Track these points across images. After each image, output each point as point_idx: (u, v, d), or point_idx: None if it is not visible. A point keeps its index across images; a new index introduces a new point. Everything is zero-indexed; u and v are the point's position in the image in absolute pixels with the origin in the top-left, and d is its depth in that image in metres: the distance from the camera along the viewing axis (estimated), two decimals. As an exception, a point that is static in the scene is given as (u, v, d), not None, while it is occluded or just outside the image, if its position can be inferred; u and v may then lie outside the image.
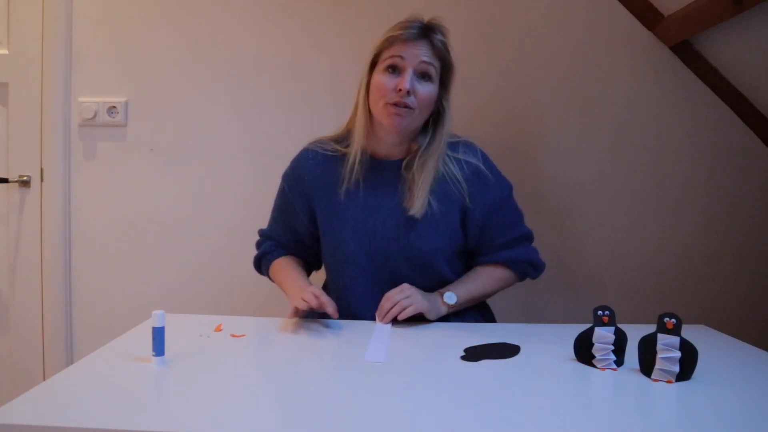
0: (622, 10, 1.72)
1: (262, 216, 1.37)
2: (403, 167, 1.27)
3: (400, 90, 1.17)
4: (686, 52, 1.69)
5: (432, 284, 1.27)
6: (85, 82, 1.83)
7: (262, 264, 1.40)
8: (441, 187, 1.25)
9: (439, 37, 1.23)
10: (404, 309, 1.15)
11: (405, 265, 1.26)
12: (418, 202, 1.22)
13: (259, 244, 1.42)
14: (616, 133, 1.76)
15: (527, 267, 1.33)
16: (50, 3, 1.80)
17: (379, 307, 1.19)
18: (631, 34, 1.73)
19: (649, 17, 1.69)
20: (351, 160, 1.26)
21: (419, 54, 1.19)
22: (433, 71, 1.21)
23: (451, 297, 1.23)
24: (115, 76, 1.83)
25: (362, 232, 1.26)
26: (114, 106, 1.83)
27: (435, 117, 1.27)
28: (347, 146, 1.29)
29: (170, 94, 1.83)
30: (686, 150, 1.76)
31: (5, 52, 1.83)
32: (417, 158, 1.25)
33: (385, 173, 1.28)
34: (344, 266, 1.29)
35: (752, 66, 1.59)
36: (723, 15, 1.41)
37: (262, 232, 1.42)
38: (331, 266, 1.34)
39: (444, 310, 1.22)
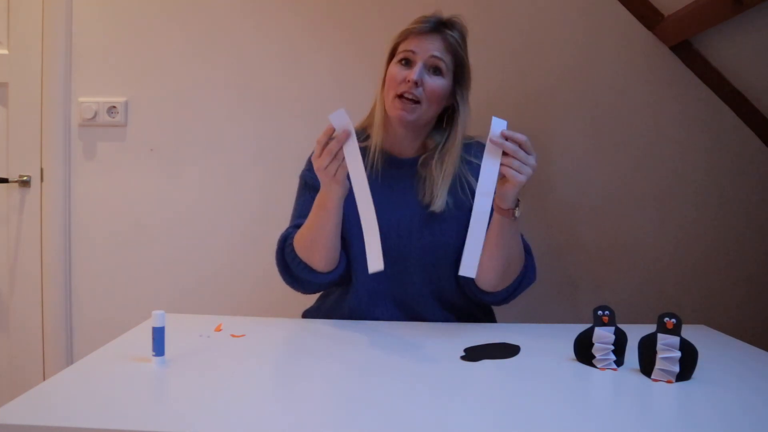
0: (621, 10, 1.72)
1: (262, 216, 1.36)
2: (419, 164, 1.27)
3: (408, 81, 1.18)
4: (686, 52, 1.69)
5: (437, 289, 1.26)
6: (85, 82, 1.83)
7: (286, 245, 1.23)
8: (453, 186, 1.25)
9: (453, 33, 1.23)
10: (522, 169, 1.04)
11: (415, 265, 1.24)
12: (438, 199, 1.22)
13: (280, 242, 1.27)
14: (615, 133, 1.76)
15: (530, 259, 1.26)
16: (50, 3, 1.80)
17: (514, 137, 1.05)
18: (631, 34, 1.73)
19: (649, 17, 1.69)
20: (371, 153, 1.25)
21: (430, 48, 1.20)
22: (444, 66, 1.21)
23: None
24: (115, 76, 1.83)
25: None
26: (114, 106, 1.83)
27: (450, 114, 1.27)
28: (365, 140, 1.28)
29: (170, 94, 1.83)
30: (686, 150, 1.76)
31: (5, 52, 1.83)
32: (435, 155, 1.25)
33: (400, 171, 1.27)
34: (353, 263, 1.25)
35: (752, 66, 1.59)
36: (723, 15, 1.41)
37: (282, 234, 1.27)
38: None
39: (511, 211, 1.13)
